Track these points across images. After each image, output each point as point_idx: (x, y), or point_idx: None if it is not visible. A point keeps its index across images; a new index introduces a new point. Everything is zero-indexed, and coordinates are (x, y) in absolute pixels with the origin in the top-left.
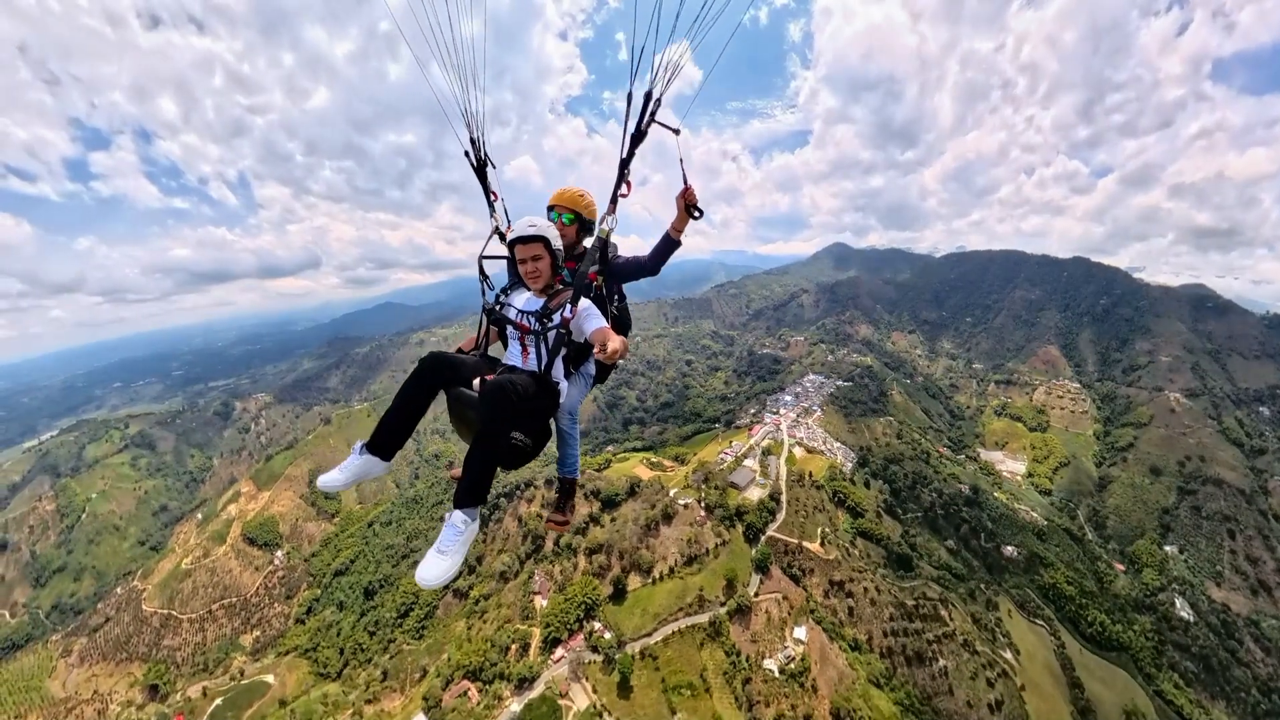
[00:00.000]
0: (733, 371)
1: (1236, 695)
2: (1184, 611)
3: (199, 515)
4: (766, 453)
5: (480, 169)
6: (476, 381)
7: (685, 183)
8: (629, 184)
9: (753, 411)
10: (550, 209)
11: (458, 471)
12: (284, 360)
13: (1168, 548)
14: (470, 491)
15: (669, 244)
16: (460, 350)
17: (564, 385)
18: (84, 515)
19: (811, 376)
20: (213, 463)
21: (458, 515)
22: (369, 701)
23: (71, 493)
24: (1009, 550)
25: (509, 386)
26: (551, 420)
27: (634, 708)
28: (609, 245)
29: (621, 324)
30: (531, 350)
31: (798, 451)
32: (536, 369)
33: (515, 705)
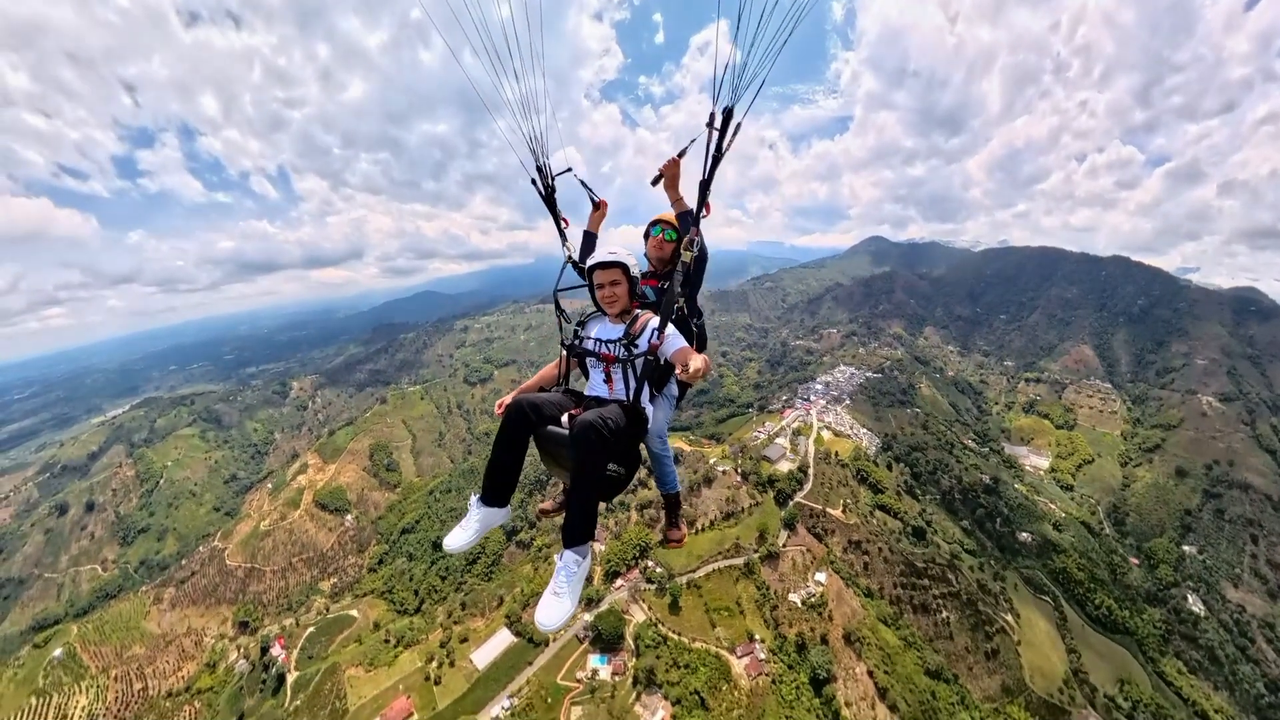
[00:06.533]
0: (765, 362)
1: (1240, 687)
2: (1195, 606)
3: (269, 485)
4: (796, 433)
5: (548, 196)
6: (565, 418)
7: (680, 154)
8: (709, 206)
9: (784, 398)
10: (655, 224)
11: (548, 505)
12: (329, 346)
13: (1186, 547)
14: (579, 530)
15: (683, 220)
16: (541, 384)
17: (650, 410)
18: (162, 481)
19: (842, 368)
20: (274, 437)
21: (569, 556)
22: (456, 623)
23: (149, 460)
24: (1023, 536)
25: (600, 423)
26: (642, 445)
27: (682, 622)
28: (690, 264)
29: (701, 341)
30: (617, 379)
31: (825, 434)
32: (624, 398)
33: (587, 617)
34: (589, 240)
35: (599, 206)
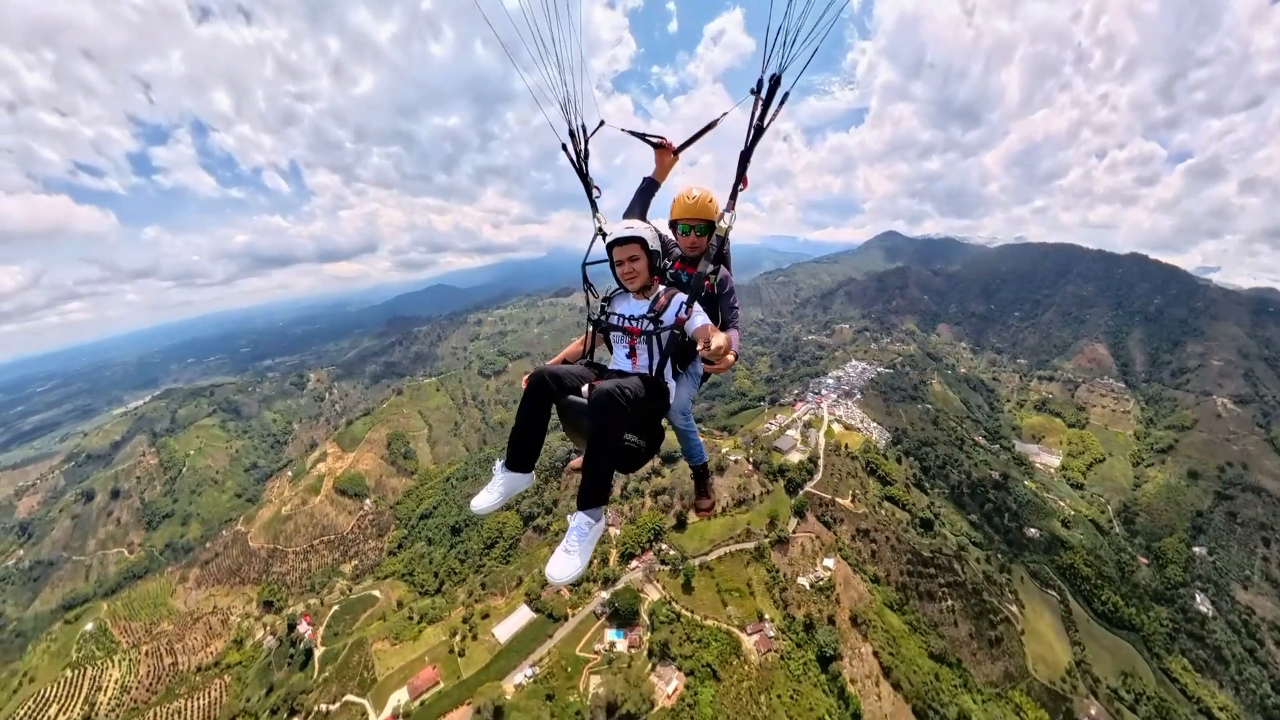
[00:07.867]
0: (777, 356)
1: (1246, 687)
2: (1204, 606)
3: (289, 472)
4: (807, 426)
5: (581, 163)
6: (586, 388)
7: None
8: (746, 180)
9: (796, 392)
10: (675, 224)
11: (578, 462)
12: (343, 338)
13: (1196, 549)
14: (591, 494)
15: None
16: (566, 359)
17: (673, 386)
18: (184, 469)
19: (854, 363)
20: (293, 427)
21: (581, 517)
22: (477, 601)
23: (171, 449)
24: (1031, 532)
25: (617, 392)
26: (665, 420)
27: (695, 601)
28: (725, 241)
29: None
30: (640, 353)
31: (836, 427)
32: (646, 371)
33: (604, 594)
34: (649, 187)
35: (661, 146)
